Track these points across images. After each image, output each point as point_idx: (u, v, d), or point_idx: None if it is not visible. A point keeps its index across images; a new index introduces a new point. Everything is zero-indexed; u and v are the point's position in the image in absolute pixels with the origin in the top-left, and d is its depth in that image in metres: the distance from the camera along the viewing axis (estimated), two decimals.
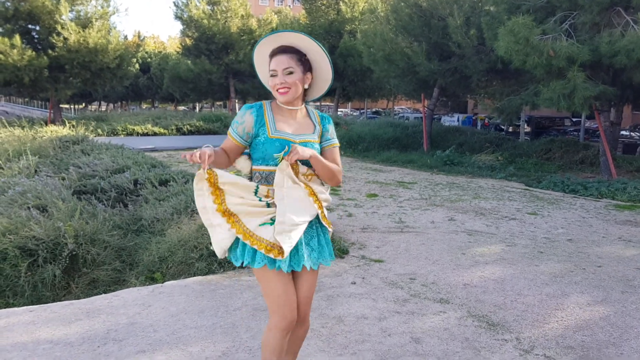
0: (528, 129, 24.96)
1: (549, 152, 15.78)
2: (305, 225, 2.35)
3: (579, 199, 9.22)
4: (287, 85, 2.35)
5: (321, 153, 2.46)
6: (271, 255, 2.27)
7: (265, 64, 2.45)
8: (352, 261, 5.17)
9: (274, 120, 2.39)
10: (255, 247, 2.28)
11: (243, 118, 2.38)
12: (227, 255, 2.43)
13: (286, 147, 2.32)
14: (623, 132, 22.60)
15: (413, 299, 4.20)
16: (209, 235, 4.98)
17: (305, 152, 2.30)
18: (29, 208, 6.06)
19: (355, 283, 4.55)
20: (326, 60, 2.44)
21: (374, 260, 5.19)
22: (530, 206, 8.23)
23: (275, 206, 2.33)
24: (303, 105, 2.50)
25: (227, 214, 2.33)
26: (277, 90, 2.37)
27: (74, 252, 5.37)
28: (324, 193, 2.47)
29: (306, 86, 2.43)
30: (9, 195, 6.60)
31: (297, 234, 2.31)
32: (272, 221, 2.32)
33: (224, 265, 4.88)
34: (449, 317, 3.87)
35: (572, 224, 7.02)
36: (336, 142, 2.55)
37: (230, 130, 2.42)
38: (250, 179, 2.43)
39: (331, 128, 2.54)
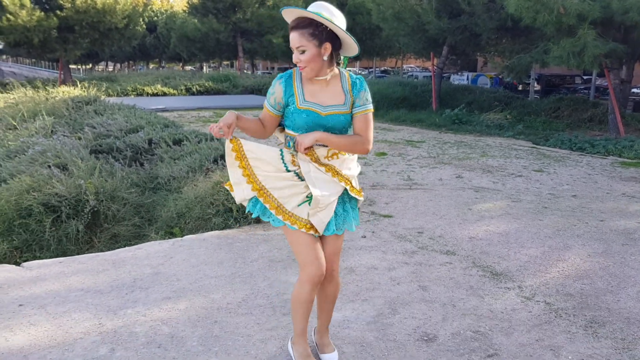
0: (538, 87, 24.79)
1: (557, 110, 15.78)
2: (335, 201, 2.49)
3: (586, 157, 9.34)
4: (302, 64, 2.35)
5: (352, 119, 2.47)
6: (311, 232, 2.46)
7: None
8: (363, 217, 5.36)
9: (302, 91, 2.42)
10: (289, 223, 2.45)
11: (274, 89, 2.44)
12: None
13: (291, 141, 2.42)
14: (634, 90, 22.43)
15: (421, 251, 4.41)
16: (224, 192, 5.19)
17: (306, 140, 2.35)
18: (49, 166, 6.29)
19: (365, 237, 4.76)
20: (341, 21, 2.39)
21: (384, 216, 5.39)
22: (536, 163, 8.37)
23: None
24: (334, 70, 2.46)
25: (259, 189, 2.49)
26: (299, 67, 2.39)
27: (95, 209, 5.61)
28: (350, 169, 2.55)
29: (325, 58, 2.35)
30: (30, 155, 6.83)
31: (329, 212, 2.47)
32: (309, 198, 2.46)
33: (240, 220, 5.10)
34: (455, 268, 4.07)
35: (577, 180, 7.17)
36: (368, 107, 2.46)
37: (265, 102, 2.49)
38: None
39: (363, 94, 2.45)
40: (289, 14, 2.38)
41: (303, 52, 2.33)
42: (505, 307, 3.44)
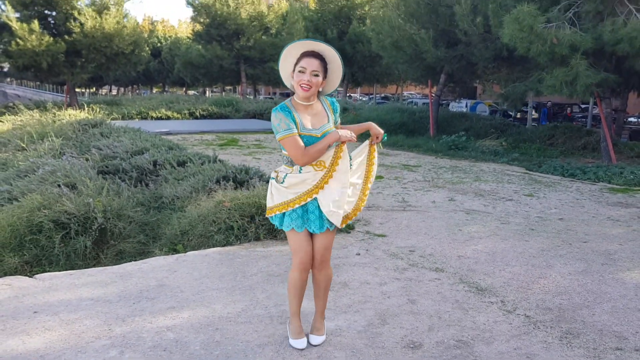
0: (536, 115, 25.22)
1: (552, 137, 16.11)
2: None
3: (576, 182, 9.63)
4: (310, 84, 2.92)
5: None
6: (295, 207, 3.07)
7: (289, 62, 3.00)
8: (357, 236, 5.64)
9: (301, 119, 2.98)
10: (285, 210, 3.09)
11: (278, 117, 2.94)
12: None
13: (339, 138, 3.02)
14: (631, 119, 22.85)
15: (411, 268, 4.67)
16: (226, 211, 5.46)
17: (347, 133, 3.05)
18: (59, 185, 6.56)
19: (359, 254, 5.02)
20: (340, 71, 3.07)
21: (377, 235, 5.66)
22: (527, 188, 8.66)
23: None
24: (316, 99, 3.10)
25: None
26: (300, 86, 2.93)
27: (102, 226, 5.86)
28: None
29: (320, 89, 3.05)
30: (40, 174, 7.12)
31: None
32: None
33: (240, 237, 5.36)
34: (443, 283, 4.33)
35: (565, 204, 7.45)
36: (339, 121, 3.25)
37: (287, 133, 2.91)
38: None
39: (339, 110, 3.21)
40: (313, 46, 2.98)
41: (316, 75, 2.94)
42: (488, 319, 3.69)
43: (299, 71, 2.92)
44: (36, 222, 5.72)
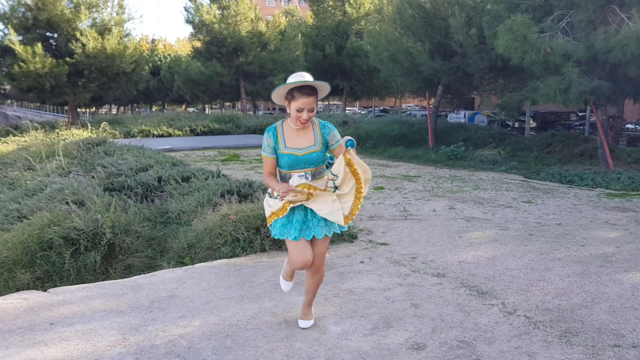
0: (534, 124, 25.41)
1: (549, 146, 16.27)
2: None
3: (574, 189, 9.77)
4: (308, 120, 3.28)
5: (332, 152, 3.47)
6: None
7: (282, 93, 3.31)
8: (361, 245, 5.77)
9: (284, 139, 3.35)
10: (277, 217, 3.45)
11: (267, 141, 3.37)
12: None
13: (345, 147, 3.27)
14: (629, 126, 23.06)
15: (414, 274, 4.80)
16: (232, 223, 5.59)
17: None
18: (67, 203, 6.71)
19: (363, 262, 5.15)
20: (327, 88, 3.38)
21: (380, 244, 5.79)
22: (526, 195, 8.81)
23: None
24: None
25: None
26: (299, 121, 3.27)
27: (111, 241, 6.00)
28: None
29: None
30: (48, 192, 7.27)
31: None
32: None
33: (247, 249, 5.49)
34: (445, 288, 4.46)
35: (563, 210, 7.59)
36: (341, 141, 3.42)
37: (265, 154, 3.38)
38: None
39: (333, 133, 3.43)
40: (306, 82, 3.25)
41: (312, 110, 3.26)
42: (489, 320, 3.81)
43: (297, 110, 3.23)
44: (46, 239, 5.86)
